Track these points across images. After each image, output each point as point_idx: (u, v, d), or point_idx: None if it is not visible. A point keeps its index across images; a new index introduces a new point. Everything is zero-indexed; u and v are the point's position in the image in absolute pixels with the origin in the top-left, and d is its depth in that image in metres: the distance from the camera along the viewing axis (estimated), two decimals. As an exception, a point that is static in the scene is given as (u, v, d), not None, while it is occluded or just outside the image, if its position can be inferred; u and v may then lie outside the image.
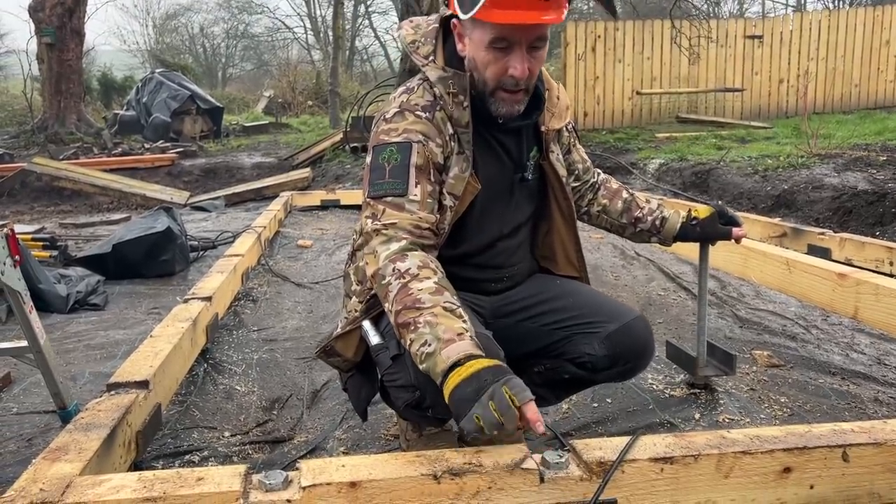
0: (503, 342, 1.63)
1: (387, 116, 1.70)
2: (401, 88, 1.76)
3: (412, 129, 1.65)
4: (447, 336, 1.41)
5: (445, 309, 1.46)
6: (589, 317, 1.78)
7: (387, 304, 1.55)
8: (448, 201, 1.68)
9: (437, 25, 1.77)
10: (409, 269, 1.53)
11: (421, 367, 1.45)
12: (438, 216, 1.67)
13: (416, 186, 1.62)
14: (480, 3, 1.51)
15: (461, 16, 1.60)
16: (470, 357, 1.38)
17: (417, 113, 1.67)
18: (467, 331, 1.44)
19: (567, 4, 1.59)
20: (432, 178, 1.65)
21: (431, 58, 1.71)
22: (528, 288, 1.90)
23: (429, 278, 1.52)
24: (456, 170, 1.68)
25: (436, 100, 1.69)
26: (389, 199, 1.62)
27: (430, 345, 1.42)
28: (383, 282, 1.55)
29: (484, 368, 1.36)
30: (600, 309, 1.80)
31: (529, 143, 1.83)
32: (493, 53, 1.59)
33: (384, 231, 1.60)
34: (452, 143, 1.69)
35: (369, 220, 1.63)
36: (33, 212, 7.97)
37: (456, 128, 1.68)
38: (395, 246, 1.57)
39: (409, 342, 1.47)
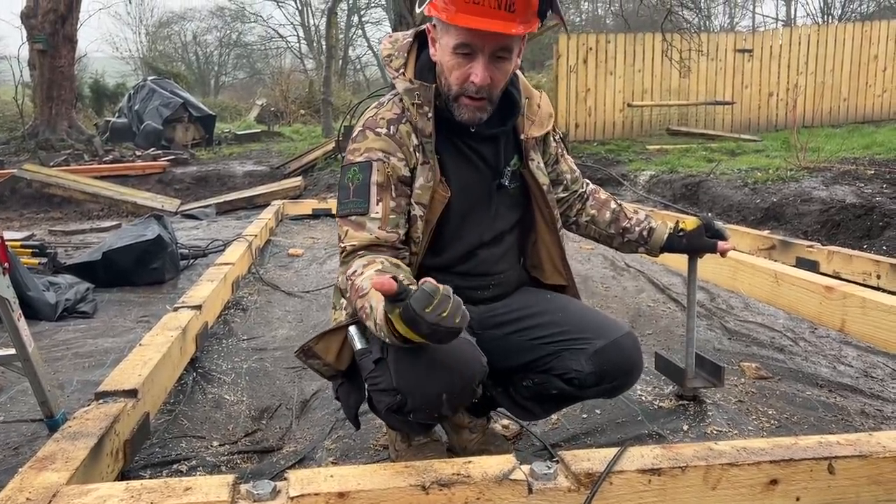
0: (491, 354, 1.64)
1: (353, 136, 1.78)
2: (374, 104, 1.83)
3: (372, 148, 1.72)
4: (376, 303, 1.39)
5: None
6: (577, 333, 1.77)
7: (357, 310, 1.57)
8: (417, 211, 1.74)
9: (411, 39, 1.82)
10: (355, 270, 1.60)
11: (387, 341, 1.42)
12: (406, 228, 1.74)
13: (377, 204, 1.69)
14: (449, 7, 1.56)
15: (434, 15, 1.64)
16: (392, 303, 1.32)
17: (377, 130, 1.74)
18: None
19: (538, 21, 1.63)
20: (395, 194, 1.71)
21: (402, 70, 1.77)
22: (517, 300, 1.91)
23: (371, 268, 1.56)
24: (421, 180, 1.73)
25: (403, 112, 1.75)
26: (353, 217, 1.71)
27: (376, 319, 1.40)
28: (347, 295, 1.64)
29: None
30: (589, 325, 1.80)
31: (509, 150, 1.86)
32: (457, 59, 1.64)
33: (344, 254, 1.70)
34: (417, 154, 1.73)
35: (338, 241, 1.75)
36: (23, 218, 7.93)
37: (421, 138, 1.74)
38: (350, 262, 1.67)
39: (372, 327, 1.46)
